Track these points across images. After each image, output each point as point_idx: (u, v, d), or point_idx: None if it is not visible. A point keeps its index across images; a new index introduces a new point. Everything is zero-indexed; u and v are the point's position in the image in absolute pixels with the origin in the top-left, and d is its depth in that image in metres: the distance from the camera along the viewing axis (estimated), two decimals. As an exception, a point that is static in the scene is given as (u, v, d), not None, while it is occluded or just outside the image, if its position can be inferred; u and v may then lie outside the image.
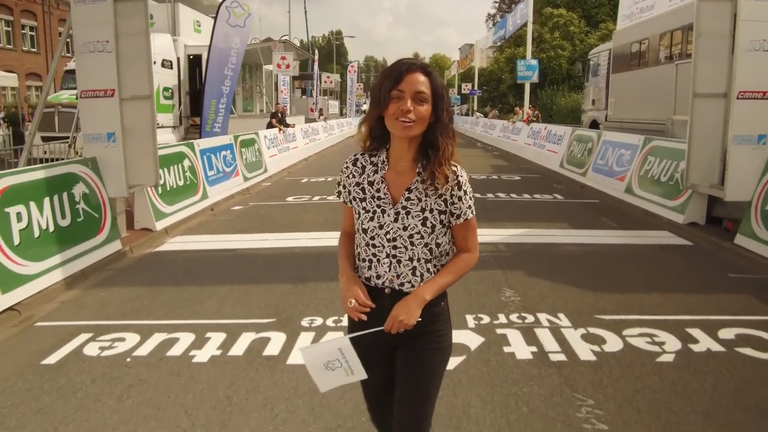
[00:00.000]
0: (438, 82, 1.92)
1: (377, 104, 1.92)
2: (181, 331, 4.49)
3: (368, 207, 1.99)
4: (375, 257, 1.99)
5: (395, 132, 1.92)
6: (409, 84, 1.87)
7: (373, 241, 1.98)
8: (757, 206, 6.72)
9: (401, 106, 1.86)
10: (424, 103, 1.88)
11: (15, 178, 5.60)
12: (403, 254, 1.96)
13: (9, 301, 5.05)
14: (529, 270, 5.94)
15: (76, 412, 3.37)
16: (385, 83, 1.90)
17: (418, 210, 1.95)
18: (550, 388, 3.44)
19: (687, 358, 3.90)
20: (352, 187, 2.04)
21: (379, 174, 2.00)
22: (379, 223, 1.96)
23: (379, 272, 1.98)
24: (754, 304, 5.02)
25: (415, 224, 1.94)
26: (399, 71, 1.89)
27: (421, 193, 1.95)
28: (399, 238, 1.95)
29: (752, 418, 3.15)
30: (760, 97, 6.86)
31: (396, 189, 1.98)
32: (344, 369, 1.93)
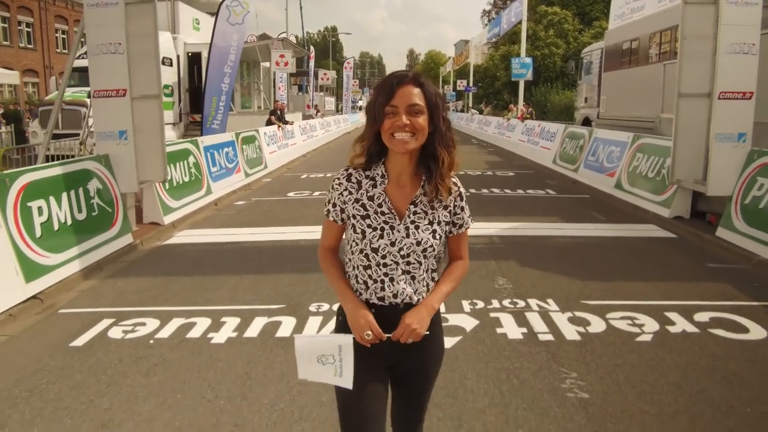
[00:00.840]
0: (431, 91, 1.89)
1: (373, 121, 1.88)
2: (198, 316, 4.83)
3: (374, 224, 1.91)
4: (388, 276, 1.92)
5: (393, 149, 1.87)
6: (402, 98, 1.84)
7: (385, 260, 1.91)
8: (737, 201, 7.10)
9: (396, 122, 1.82)
10: (419, 114, 1.85)
11: (35, 175, 5.92)
12: (417, 269, 1.92)
13: (32, 290, 5.38)
14: (521, 260, 6.30)
15: (108, 386, 3.71)
16: (378, 99, 1.87)
17: (426, 223, 1.92)
18: (538, 364, 3.81)
19: (664, 338, 4.27)
20: (349, 204, 1.95)
21: (379, 188, 1.93)
22: (391, 240, 1.90)
23: (397, 290, 1.92)
24: (730, 290, 5.40)
25: (427, 237, 1.91)
26: (390, 86, 1.85)
27: (426, 206, 1.93)
28: (413, 254, 1.91)
29: (718, 388, 3.52)
30: (740, 98, 7.24)
31: (399, 203, 1.93)
32: (335, 367, 1.88)
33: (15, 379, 3.85)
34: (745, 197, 6.99)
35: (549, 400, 3.35)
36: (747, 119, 7.28)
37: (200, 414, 3.32)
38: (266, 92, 27.18)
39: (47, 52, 39.18)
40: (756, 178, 6.92)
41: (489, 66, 50.64)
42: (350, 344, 1.85)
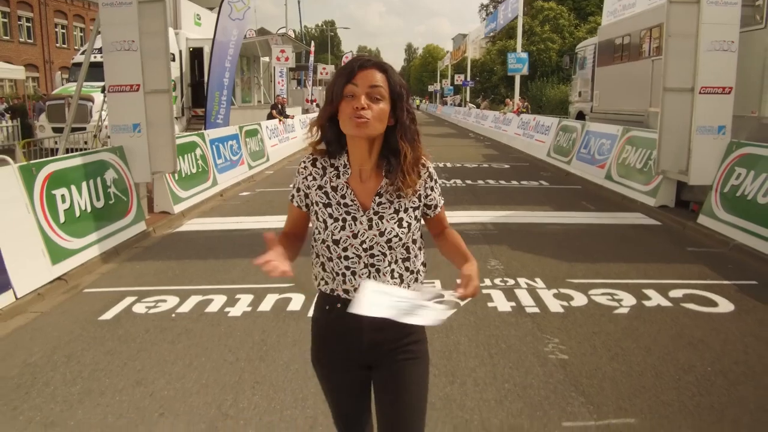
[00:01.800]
0: (396, 80, 1.77)
1: (330, 102, 1.77)
2: (214, 294, 5.25)
3: (335, 214, 1.82)
4: (349, 270, 1.82)
5: (349, 132, 1.75)
6: (362, 79, 1.72)
7: (346, 252, 1.82)
8: (716, 189, 7.53)
9: (354, 104, 1.71)
10: (380, 100, 1.73)
11: (58, 165, 6.32)
12: (381, 261, 1.82)
13: (58, 272, 5.79)
14: (512, 245, 6.73)
15: (138, 352, 4.13)
16: (337, 81, 1.76)
17: (392, 212, 1.82)
18: (524, 331, 4.25)
19: (639, 311, 4.71)
20: (313, 190, 1.85)
21: (342, 179, 1.83)
22: (353, 232, 1.80)
23: (357, 285, 1.81)
24: (705, 271, 5.84)
25: (392, 227, 1.81)
26: (352, 68, 1.75)
27: (392, 195, 1.82)
28: (376, 246, 1.81)
29: (683, 351, 3.96)
30: (720, 92, 7.66)
31: (363, 196, 1.83)
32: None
33: (52, 347, 4.27)
34: (724, 186, 7.42)
35: (532, 361, 3.79)
36: (726, 113, 7.70)
37: (223, 373, 3.75)
38: (266, 87, 27.54)
39: (47, 47, 39.40)
40: (734, 168, 7.35)
41: (486, 60, 51.01)
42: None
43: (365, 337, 1.84)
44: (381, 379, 1.89)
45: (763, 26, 8.36)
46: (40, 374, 3.83)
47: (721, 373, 3.69)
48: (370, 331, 1.82)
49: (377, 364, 1.89)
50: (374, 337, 1.84)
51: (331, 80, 1.81)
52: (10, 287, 5.10)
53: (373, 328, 1.80)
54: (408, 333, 1.86)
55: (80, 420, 3.26)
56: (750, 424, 3.11)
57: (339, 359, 1.90)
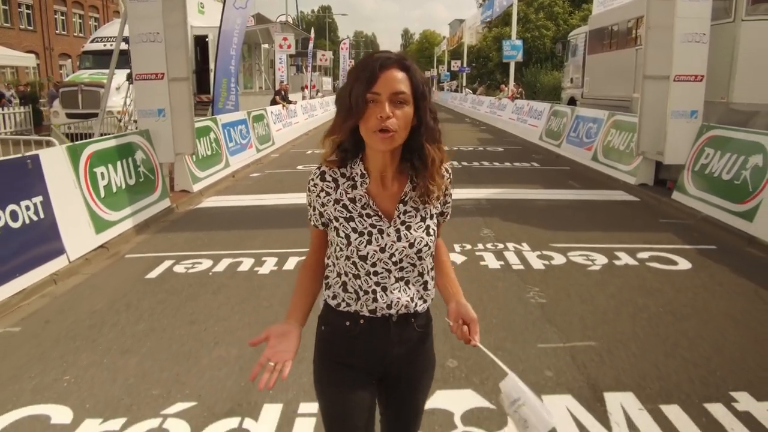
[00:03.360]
0: (419, 78, 1.63)
1: (347, 113, 1.61)
2: (243, 257, 6.03)
3: (359, 228, 1.69)
4: (380, 285, 1.71)
5: (374, 146, 1.62)
6: (385, 84, 1.57)
7: (375, 268, 1.70)
8: (689, 168, 8.32)
9: (379, 113, 1.56)
10: (404, 105, 1.59)
11: (97, 146, 7.07)
12: (410, 273, 1.73)
13: (100, 240, 6.56)
14: (503, 217, 7.53)
15: (186, 301, 4.92)
16: (356, 87, 1.59)
17: (419, 221, 1.72)
18: (510, 283, 5.06)
19: (609, 268, 5.52)
20: (330, 206, 1.71)
21: (359, 189, 1.70)
22: (380, 246, 1.69)
23: (391, 301, 1.72)
24: (672, 238, 6.64)
25: (421, 237, 1.71)
26: (372, 70, 1.58)
27: (416, 202, 1.72)
28: (406, 258, 1.71)
29: (641, 297, 4.78)
30: (692, 80, 8.43)
31: (385, 204, 1.71)
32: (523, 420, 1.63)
33: (111, 299, 5.05)
34: (695, 165, 8.21)
35: (516, 303, 4.60)
36: (698, 98, 8.47)
37: (261, 315, 4.55)
38: (267, 73, 28.15)
39: (47, 34, 39.78)
40: (704, 148, 8.13)
41: (482, 47, 51.57)
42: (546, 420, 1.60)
43: (393, 351, 1.76)
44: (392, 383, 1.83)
45: (732, 20, 9.10)
46: (107, 318, 4.62)
47: (670, 312, 4.50)
48: (398, 345, 1.75)
49: (392, 372, 1.81)
50: (400, 350, 1.77)
51: (346, 85, 1.65)
52: (65, 252, 5.87)
53: (401, 341, 1.75)
54: (425, 339, 1.83)
55: (150, 348, 4.05)
56: (687, 346, 3.92)
57: (356, 375, 1.77)
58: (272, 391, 3.25)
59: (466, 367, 3.51)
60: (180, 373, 3.65)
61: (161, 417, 3.17)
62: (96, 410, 3.26)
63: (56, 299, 5.10)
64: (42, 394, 3.45)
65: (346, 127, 1.63)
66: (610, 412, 3.12)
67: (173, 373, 3.66)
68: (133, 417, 3.18)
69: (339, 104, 1.66)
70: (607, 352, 3.80)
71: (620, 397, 3.25)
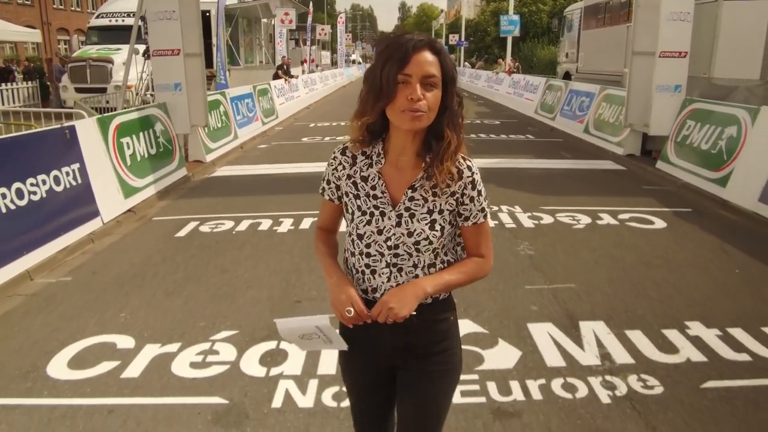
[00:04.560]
0: (449, 63, 1.63)
1: (378, 94, 1.60)
2: (261, 218, 6.64)
3: (363, 207, 1.71)
4: (369, 268, 1.71)
5: (402, 125, 1.61)
6: (417, 66, 1.56)
7: (369, 249, 1.70)
8: (672, 139, 8.92)
9: (410, 94, 1.56)
10: (434, 88, 1.59)
11: (122, 118, 7.62)
12: (405, 262, 1.70)
13: (128, 205, 7.15)
14: (498, 183, 8.13)
15: (215, 254, 5.54)
16: (387, 67, 1.58)
17: (425, 212, 1.68)
18: (503, 239, 5.69)
19: (592, 227, 6.15)
20: (342, 180, 1.75)
21: (374, 168, 1.71)
22: (378, 228, 1.69)
23: (376, 284, 1.71)
24: (652, 202, 7.27)
25: (422, 229, 1.67)
26: (405, 51, 1.57)
27: (427, 192, 1.68)
28: (402, 245, 1.68)
29: (618, 250, 5.42)
30: (677, 56, 8.98)
31: (396, 187, 1.70)
32: (322, 340, 1.72)
33: (147, 254, 5.66)
34: (678, 136, 8.81)
35: (508, 255, 5.24)
36: (682, 74, 9.03)
37: (284, 264, 5.18)
38: (267, 47, 28.47)
39: (44, 8, 39.74)
40: (686, 121, 8.72)
41: (480, 21, 51.64)
42: (327, 324, 1.67)
43: (387, 343, 1.74)
44: (407, 383, 1.81)
45: (714, 0, 9.61)
46: (147, 268, 5.24)
47: (643, 262, 5.14)
48: (392, 337, 1.73)
49: (406, 366, 1.79)
50: (398, 342, 1.74)
51: (375, 64, 1.63)
52: (99, 215, 6.46)
53: (396, 333, 1.71)
54: (440, 339, 1.77)
55: (191, 291, 4.68)
56: (654, 288, 4.56)
57: (364, 357, 1.81)
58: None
59: (465, 303, 4.15)
60: (220, 310, 4.29)
61: (210, 342, 3.81)
62: (153, 338, 3.90)
63: (97, 255, 5.72)
64: (104, 327, 4.09)
65: (378, 109, 1.62)
66: (584, 335, 3.77)
67: (214, 310, 4.30)
68: (187, 342, 3.82)
69: (369, 84, 1.64)
70: (584, 292, 4.45)
71: (592, 325, 3.90)
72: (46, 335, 3.99)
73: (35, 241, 5.35)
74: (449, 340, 1.79)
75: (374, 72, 1.61)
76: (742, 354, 3.56)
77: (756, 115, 7.13)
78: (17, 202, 5.22)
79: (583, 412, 2.99)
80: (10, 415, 3.10)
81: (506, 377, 3.30)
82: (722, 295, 4.46)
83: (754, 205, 6.55)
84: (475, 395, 3.12)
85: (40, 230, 5.46)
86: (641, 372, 3.35)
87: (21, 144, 5.56)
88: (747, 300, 4.38)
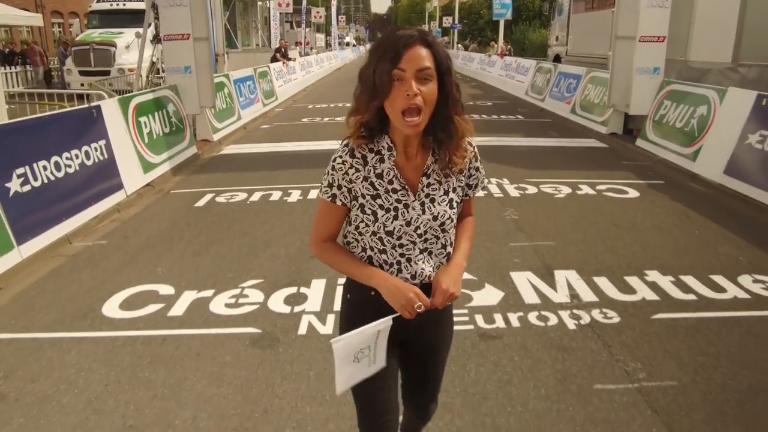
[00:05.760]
0: (441, 53, 1.66)
1: (373, 93, 1.64)
2: (271, 190, 7.27)
3: (386, 204, 1.74)
4: (404, 257, 1.77)
5: (404, 130, 1.67)
6: (410, 61, 1.60)
7: (401, 241, 1.76)
8: (651, 118, 9.57)
9: (405, 91, 1.60)
10: (429, 81, 1.62)
11: (139, 99, 8.20)
12: (434, 245, 1.79)
13: (147, 179, 7.75)
14: (488, 159, 8.74)
15: (234, 221, 6.17)
16: (380, 66, 1.61)
17: (442, 194, 1.76)
18: (490, 207, 6.35)
19: (572, 196, 6.82)
20: (357, 183, 1.75)
21: (387, 162, 1.74)
22: (406, 220, 1.74)
23: (415, 271, 1.78)
24: (629, 175, 7.94)
25: (444, 210, 1.76)
26: (396, 48, 1.60)
27: (439, 175, 1.76)
28: (430, 230, 1.76)
29: (594, 215, 6.09)
30: (655, 41, 9.60)
31: (410, 175, 1.75)
32: (369, 358, 1.74)
33: (171, 221, 6.29)
34: (656, 115, 9.46)
35: (495, 220, 5.90)
36: (660, 57, 9.66)
37: (297, 227, 5.82)
38: (262, 30, 28.85)
39: (39, -8, 39.73)
40: (664, 101, 9.37)
41: (474, 3, 51.94)
42: (389, 327, 1.73)
43: (416, 319, 1.74)
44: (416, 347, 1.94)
45: (692, -13, 10.23)
46: (173, 233, 5.87)
47: (615, 226, 5.82)
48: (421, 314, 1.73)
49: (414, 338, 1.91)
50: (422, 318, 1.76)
51: (369, 63, 1.67)
52: (123, 188, 7.07)
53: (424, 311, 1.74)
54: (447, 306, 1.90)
55: (216, 251, 5.32)
56: (622, 246, 5.23)
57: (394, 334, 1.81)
58: (317, 271, 4.56)
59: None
60: (245, 264, 4.94)
61: (240, 288, 4.47)
62: (190, 286, 4.54)
63: (125, 223, 6.34)
64: (144, 279, 4.73)
65: (373, 107, 1.66)
66: (557, 281, 4.45)
67: (240, 264, 4.94)
68: (219, 289, 4.47)
69: (363, 83, 1.68)
70: (561, 248, 5.12)
71: (565, 273, 4.58)
72: (95, 286, 4.63)
73: (71, 209, 5.96)
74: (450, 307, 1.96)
75: (367, 71, 1.67)
76: (689, 294, 4.25)
77: (723, 96, 7.79)
78: (56, 174, 5.83)
79: (552, 335, 3.67)
80: (78, 345, 3.75)
81: (491, 311, 3.98)
82: (680, 251, 5.14)
83: (720, 177, 7.23)
84: (465, 324, 3.80)
85: (75, 199, 6.07)
86: (603, 307, 4.03)
87: (57, 121, 6.16)
88: (701, 255, 5.06)
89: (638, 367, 3.33)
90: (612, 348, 3.53)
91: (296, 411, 2.99)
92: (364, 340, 1.70)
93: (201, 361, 3.49)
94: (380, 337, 1.73)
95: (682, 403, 3.00)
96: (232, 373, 3.35)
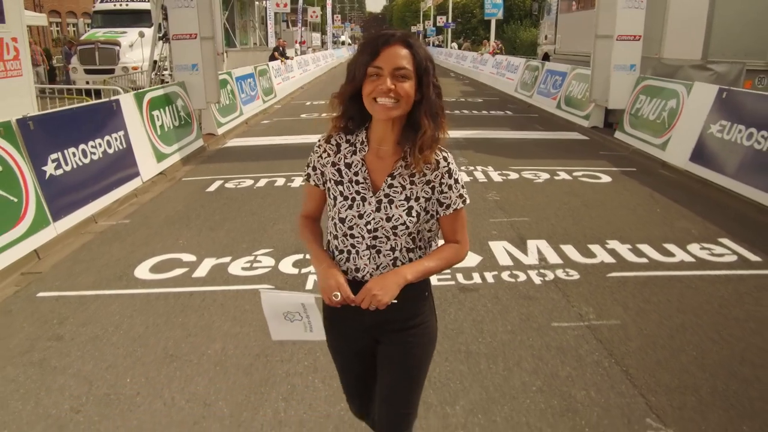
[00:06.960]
0: (422, 54, 1.71)
1: (352, 78, 1.73)
2: (276, 177, 7.93)
3: (346, 192, 1.81)
4: (353, 248, 1.83)
5: (375, 115, 1.73)
6: (387, 59, 1.67)
7: (352, 231, 1.81)
8: (628, 112, 10.26)
9: (379, 85, 1.66)
10: (406, 79, 1.68)
11: (152, 94, 8.85)
12: (383, 245, 1.81)
13: (160, 168, 8.40)
14: (476, 150, 9.46)
15: (243, 203, 6.82)
16: (360, 58, 1.71)
17: (402, 199, 1.78)
18: (475, 189, 7.03)
19: (550, 181, 7.51)
20: (327, 167, 1.85)
21: (358, 155, 1.81)
22: (359, 212, 1.79)
23: (359, 265, 1.83)
24: (604, 163, 8.63)
25: (399, 214, 1.78)
26: (375, 45, 1.68)
27: (405, 180, 1.78)
28: (381, 229, 1.79)
29: (568, 197, 6.78)
30: (632, 39, 10.30)
31: (377, 174, 1.80)
32: (303, 324, 1.83)
33: (186, 204, 6.94)
34: (632, 109, 10.15)
35: (479, 201, 6.58)
36: (636, 54, 10.36)
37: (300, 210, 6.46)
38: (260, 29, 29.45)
39: (39, -10, 40.20)
40: (639, 96, 10.06)
41: (467, 3, 52.67)
42: (313, 304, 1.80)
43: (367, 319, 1.83)
44: (385, 355, 1.95)
45: (665, -11, 10.93)
46: (190, 213, 6.53)
47: (585, 205, 6.50)
48: (372, 313, 1.79)
49: (383, 339, 1.93)
50: (377, 318, 1.82)
51: (354, 55, 1.77)
52: (139, 175, 7.72)
53: (375, 310, 1.77)
54: (416, 314, 1.90)
55: (229, 227, 5.97)
56: (588, 221, 5.91)
57: (345, 330, 1.94)
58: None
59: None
60: (256, 237, 5.60)
61: (253, 256, 5.13)
62: (209, 254, 5.20)
63: (143, 206, 6.98)
64: (168, 249, 5.38)
65: (346, 92, 1.76)
66: (529, 248, 5.13)
67: (252, 237, 5.61)
68: (235, 256, 5.13)
69: (347, 72, 1.78)
70: (534, 223, 5.81)
71: (536, 242, 5.27)
72: (124, 255, 5.28)
73: (95, 193, 6.61)
74: (425, 314, 1.92)
75: (351, 62, 1.79)
76: (642, 258, 4.94)
77: (690, 90, 8.48)
78: (83, 160, 6.47)
79: (521, 288, 4.35)
80: (117, 300, 4.40)
81: (470, 271, 4.65)
82: (641, 225, 5.83)
83: (686, 163, 7.92)
84: (447, 281, 4.47)
85: (99, 184, 6.71)
86: (566, 268, 4.72)
87: (83, 113, 6.81)
88: (660, 228, 5.75)
89: (590, 310, 4.01)
90: (570, 297, 4.21)
91: (306, 342, 3.66)
92: (290, 304, 1.83)
93: (225, 309, 4.15)
94: (309, 309, 1.82)
95: (622, 336, 3.68)
96: (252, 317, 4.01)
